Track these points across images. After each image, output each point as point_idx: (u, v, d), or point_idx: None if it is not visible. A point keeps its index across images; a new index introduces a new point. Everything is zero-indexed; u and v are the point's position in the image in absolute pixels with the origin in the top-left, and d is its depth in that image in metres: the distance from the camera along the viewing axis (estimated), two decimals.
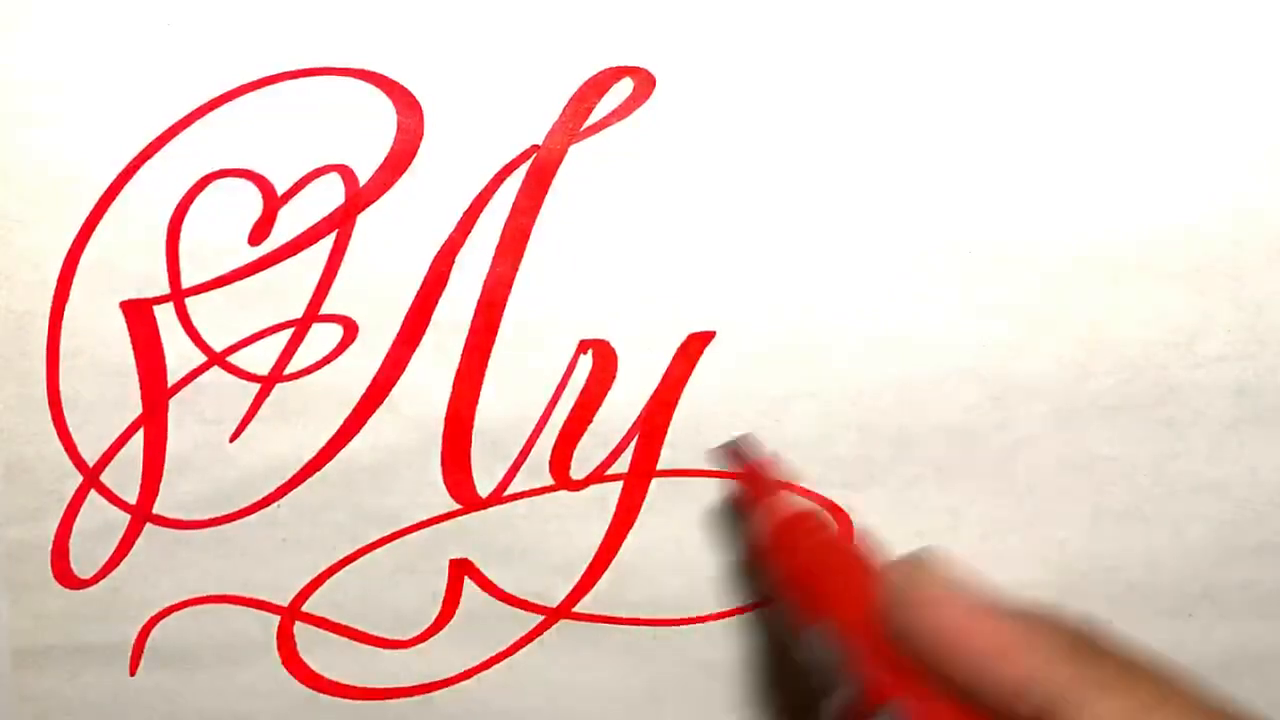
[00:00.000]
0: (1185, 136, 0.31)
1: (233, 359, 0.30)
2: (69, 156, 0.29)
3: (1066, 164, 0.31)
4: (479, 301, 0.30)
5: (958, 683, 0.22)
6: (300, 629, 0.32)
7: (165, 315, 0.30)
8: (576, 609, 0.32)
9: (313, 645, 0.32)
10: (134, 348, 0.30)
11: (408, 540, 0.31)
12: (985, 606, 0.22)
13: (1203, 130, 0.31)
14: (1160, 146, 0.31)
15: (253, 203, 0.30)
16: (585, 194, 0.30)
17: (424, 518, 0.31)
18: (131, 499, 0.31)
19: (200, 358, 0.30)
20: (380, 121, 0.30)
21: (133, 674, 0.32)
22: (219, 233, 0.30)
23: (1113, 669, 0.21)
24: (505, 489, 0.31)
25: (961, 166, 0.31)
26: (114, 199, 0.30)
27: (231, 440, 0.31)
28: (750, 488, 0.30)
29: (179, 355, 0.30)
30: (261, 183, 0.30)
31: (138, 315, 0.30)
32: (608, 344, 0.31)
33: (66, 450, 0.30)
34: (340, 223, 0.30)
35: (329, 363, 0.31)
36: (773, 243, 0.31)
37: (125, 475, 0.31)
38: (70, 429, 0.30)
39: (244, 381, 0.31)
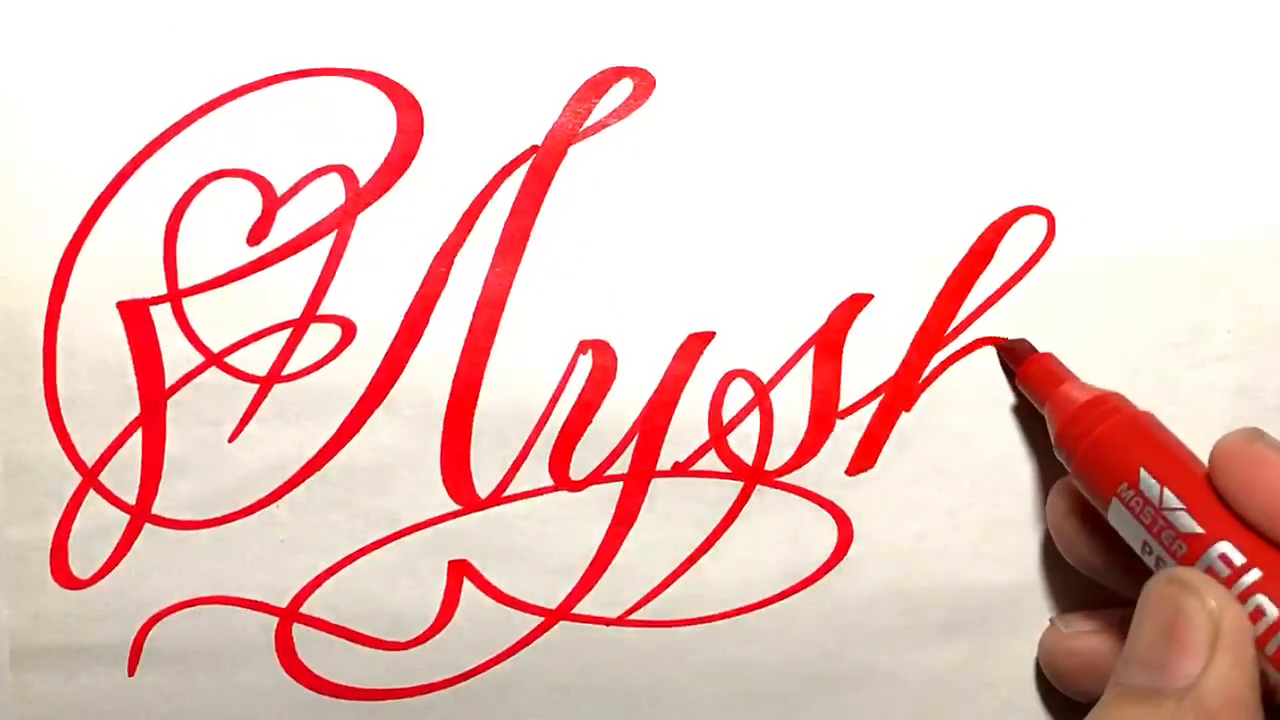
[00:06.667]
0: (1186, 137, 0.31)
1: (231, 359, 0.30)
2: (69, 156, 0.29)
3: (1066, 165, 0.31)
4: (479, 301, 0.30)
5: None
6: (299, 630, 0.32)
7: (162, 315, 0.30)
8: (576, 610, 0.32)
9: (311, 646, 0.32)
10: (131, 348, 0.30)
11: (407, 541, 0.31)
12: None
13: (1203, 130, 0.31)
14: (1160, 146, 0.31)
15: (252, 203, 0.30)
16: (585, 194, 0.30)
17: (423, 518, 0.31)
18: (130, 499, 0.31)
19: (198, 358, 0.30)
20: (380, 121, 0.30)
21: (131, 674, 0.32)
22: (217, 233, 0.30)
23: None
24: (505, 490, 0.31)
25: (961, 166, 0.31)
26: (112, 199, 0.30)
27: (230, 441, 0.31)
28: (1038, 381, 0.30)
29: (177, 355, 0.30)
30: (261, 183, 0.30)
31: (135, 315, 0.30)
32: (608, 344, 0.31)
33: (65, 450, 0.30)
34: (340, 223, 0.30)
35: (328, 363, 0.31)
36: (773, 243, 0.31)
37: (124, 475, 0.31)
38: (69, 429, 0.30)
39: (242, 382, 0.30)
